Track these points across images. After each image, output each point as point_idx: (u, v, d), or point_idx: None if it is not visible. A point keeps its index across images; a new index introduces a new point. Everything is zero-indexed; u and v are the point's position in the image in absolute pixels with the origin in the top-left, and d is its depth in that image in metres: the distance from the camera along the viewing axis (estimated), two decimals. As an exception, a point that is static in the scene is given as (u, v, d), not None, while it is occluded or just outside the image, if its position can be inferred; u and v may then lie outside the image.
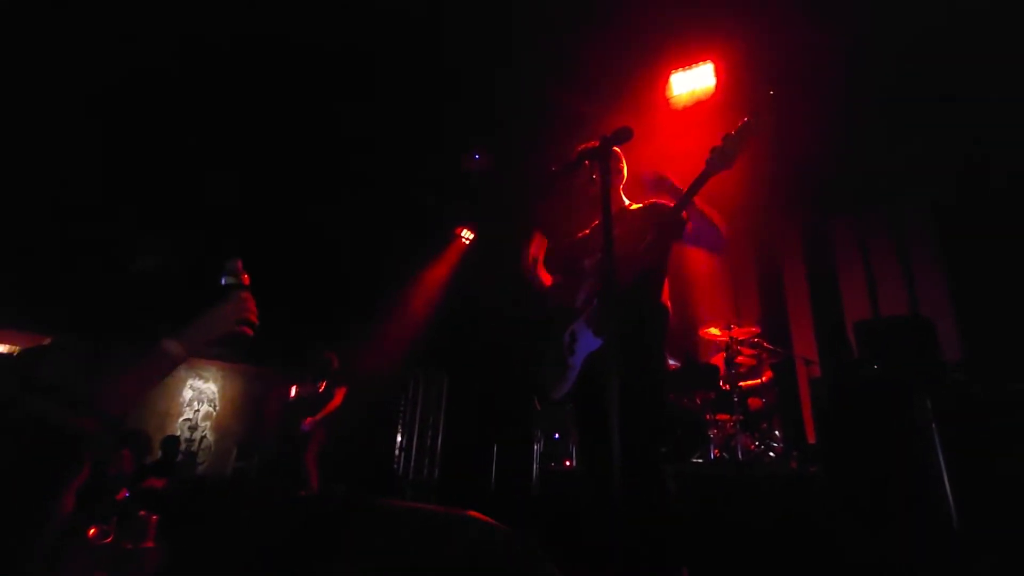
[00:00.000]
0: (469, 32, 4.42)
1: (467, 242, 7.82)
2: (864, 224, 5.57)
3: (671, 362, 4.76)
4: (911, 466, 2.54)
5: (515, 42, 4.37)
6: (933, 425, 2.51)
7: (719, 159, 1.94)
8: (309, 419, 5.48)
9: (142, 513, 2.82)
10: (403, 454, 7.86)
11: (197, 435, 8.03)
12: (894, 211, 5.38)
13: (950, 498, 2.33)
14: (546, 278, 2.53)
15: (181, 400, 8.08)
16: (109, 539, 2.55)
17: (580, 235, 2.52)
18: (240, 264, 1.30)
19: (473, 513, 2.82)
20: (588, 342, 2.13)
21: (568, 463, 5.20)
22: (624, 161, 2.41)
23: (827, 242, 5.79)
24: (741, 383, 4.61)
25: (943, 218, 4.92)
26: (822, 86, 4.29)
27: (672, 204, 2.10)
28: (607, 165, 2.00)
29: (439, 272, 7.97)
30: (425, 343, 7.91)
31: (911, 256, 5.16)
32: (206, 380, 8.37)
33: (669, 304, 2.21)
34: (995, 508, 2.28)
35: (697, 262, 6.32)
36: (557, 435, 5.56)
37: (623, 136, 1.99)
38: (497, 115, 5.29)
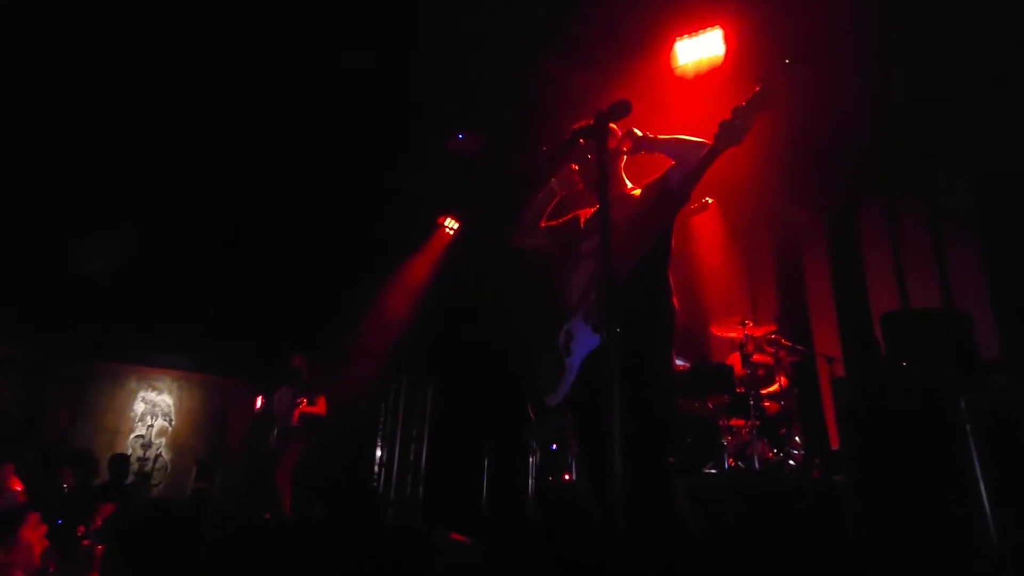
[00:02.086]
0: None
1: (452, 232, 7.79)
2: (894, 205, 5.58)
3: (679, 363, 4.76)
4: (945, 475, 2.55)
5: (502, 6, 4.33)
6: (968, 429, 2.52)
7: (728, 133, 1.94)
8: (297, 411, 5.48)
9: (85, 543, 2.78)
10: (384, 470, 7.85)
11: (151, 453, 7.97)
12: (928, 190, 5.37)
13: (988, 512, 2.34)
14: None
15: (132, 415, 8.00)
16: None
17: (575, 215, 2.50)
18: None
19: (458, 536, 2.82)
20: (586, 340, 2.12)
21: (568, 477, 5.21)
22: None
23: (852, 226, 5.80)
24: (758, 386, 4.62)
25: (987, 196, 4.89)
26: (848, 50, 4.27)
27: (672, 162, 2.17)
28: (604, 143, 2.01)
29: (421, 267, 7.93)
30: (407, 346, 7.89)
31: (946, 241, 5.17)
32: (160, 392, 8.29)
33: (676, 298, 2.21)
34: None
35: (709, 252, 6.33)
36: (555, 446, 5.56)
37: (620, 110, 1.98)
38: (484, 90, 5.25)
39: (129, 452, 7.50)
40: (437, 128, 5.85)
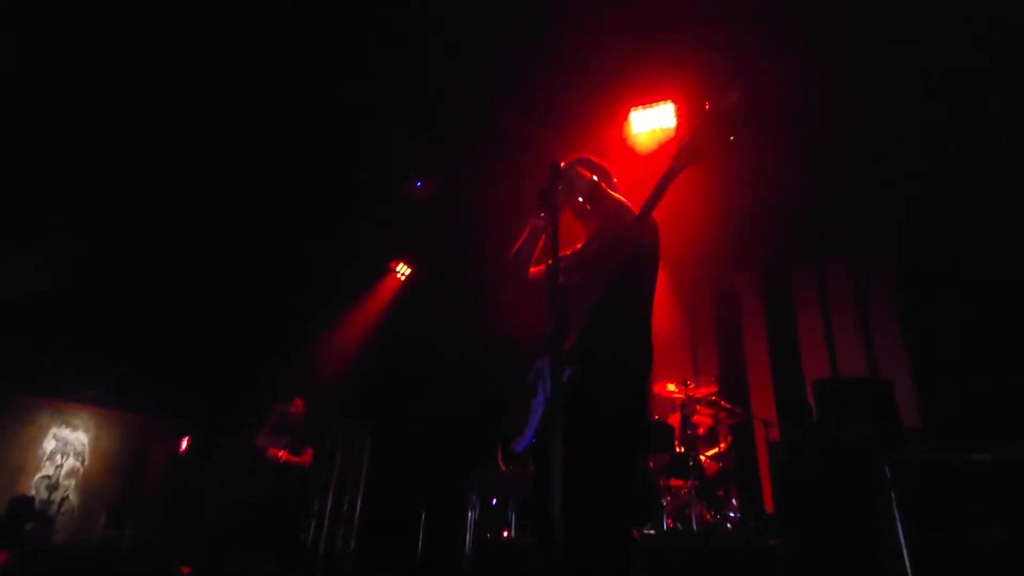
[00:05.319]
0: (408, 44, 4.50)
1: (403, 278, 7.75)
2: (824, 276, 5.96)
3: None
4: (870, 537, 2.65)
5: (461, 61, 4.49)
6: (892, 494, 2.64)
7: (687, 153, 1.92)
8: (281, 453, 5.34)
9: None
10: (313, 521, 7.44)
11: (57, 496, 7.31)
12: (855, 263, 5.79)
13: (908, 570, 2.43)
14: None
15: (40, 452, 7.38)
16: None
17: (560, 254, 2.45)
18: None
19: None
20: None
21: (507, 533, 5.08)
22: (602, 170, 2.38)
23: (787, 295, 6.13)
24: (698, 446, 4.69)
25: (905, 272, 5.28)
26: (785, 131, 4.63)
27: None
28: (554, 209, 1.98)
29: (369, 311, 7.81)
30: (348, 393, 7.66)
31: (870, 311, 5.53)
32: (75, 428, 7.69)
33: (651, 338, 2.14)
34: (954, 583, 2.39)
35: (653, 312, 6.50)
36: (495, 500, 5.44)
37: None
38: (441, 139, 5.36)
39: (32, 494, 6.87)
40: (395, 174, 5.90)
